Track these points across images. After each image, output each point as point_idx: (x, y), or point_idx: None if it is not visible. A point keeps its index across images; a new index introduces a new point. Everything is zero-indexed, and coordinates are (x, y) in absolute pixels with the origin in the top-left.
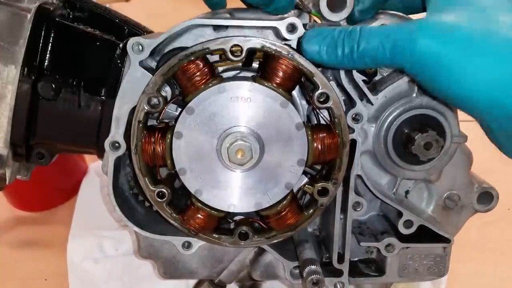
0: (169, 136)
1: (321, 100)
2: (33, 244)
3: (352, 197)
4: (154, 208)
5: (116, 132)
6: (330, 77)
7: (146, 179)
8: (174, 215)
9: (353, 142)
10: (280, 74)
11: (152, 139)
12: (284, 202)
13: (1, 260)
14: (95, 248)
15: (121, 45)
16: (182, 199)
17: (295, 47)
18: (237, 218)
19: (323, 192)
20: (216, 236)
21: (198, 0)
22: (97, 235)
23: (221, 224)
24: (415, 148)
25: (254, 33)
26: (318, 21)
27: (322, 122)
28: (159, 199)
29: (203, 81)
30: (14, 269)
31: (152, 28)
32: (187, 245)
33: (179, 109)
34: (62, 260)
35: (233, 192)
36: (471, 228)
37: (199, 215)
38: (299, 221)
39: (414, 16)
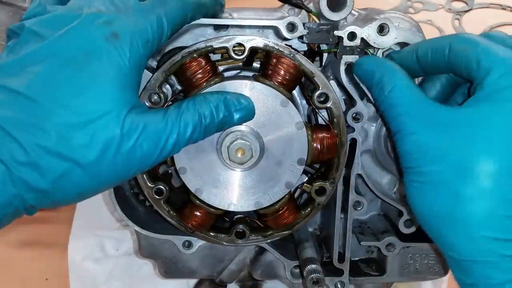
0: None
1: (321, 100)
2: (34, 244)
3: (353, 197)
4: (154, 207)
5: None
6: (331, 76)
7: (144, 176)
8: (172, 212)
9: (354, 141)
10: (282, 73)
11: None
12: (282, 200)
13: (1, 260)
14: (96, 248)
15: None
16: (180, 197)
17: (295, 46)
18: (235, 217)
19: (321, 191)
20: (213, 234)
21: None
22: (98, 235)
23: (218, 222)
24: None
25: (254, 32)
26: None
27: (321, 122)
28: (157, 196)
29: (205, 79)
30: (15, 269)
31: None
32: (188, 245)
33: None
34: (63, 259)
35: (233, 191)
36: None
37: (197, 213)
38: (296, 220)
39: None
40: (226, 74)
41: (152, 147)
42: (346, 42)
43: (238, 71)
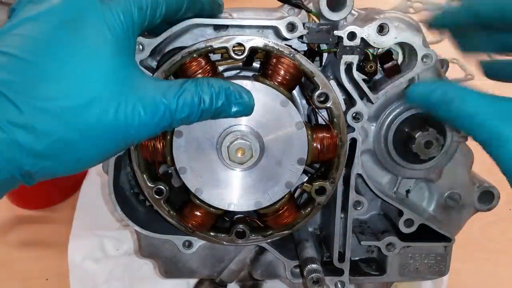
0: (169, 132)
1: (321, 100)
2: (34, 244)
3: (353, 196)
4: (154, 207)
5: None
6: (330, 76)
7: (144, 175)
8: (172, 212)
9: (354, 141)
10: (282, 73)
11: None
12: (282, 200)
13: (1, 260)
14: (96, 248)
15: None
16: (180, 197)
17: (295, 46)
18: (235, 217)
19: (321, 191)
20: (213, 234)
21: None
22: (98, 235)
23: (218, 222)
24: (416, 147)
25: (254, 32)
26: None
27: (321, 122)
28: (157, 196)
29: None
30: (15, 269)
31: None
32: (188, 244)
33: None
34: (63, 260)
35: (233, 191)
36: (473, 227)
37: (197, 213)
38: (296, 219)
39: None
40: (226, 74)
41: (150, 117)
42: (346, 42)
43: (238, 71)
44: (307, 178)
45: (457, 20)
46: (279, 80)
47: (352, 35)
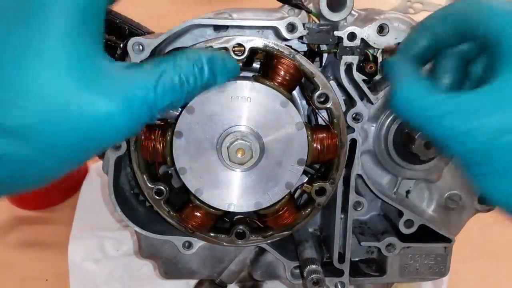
0: (169, 133)
1: (321, 100)
2: (34, 245)
3: (353, 197)
4: (154, 207)
5: None
6: (330, 77)
7: (144, 176)
8: (172, 213)
9: (354, 142)
10: (282, 73)
11: (152, 136)
12: (282, 201)
13: (1, 260)
14: (96, 248)
15: (121, 45)
16: (180, 198)
17: (295, 46)
18: (235, 217)
19: (321, 191)
20: (213, 235)
21: (199, 2)
22: (98, 236)
23: (218, 223)
24: (416, 148)
25: (254, 33)
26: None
27: (321, 122)
28: (157, 197)
29: None
30: (15, 270)
31: (153, 29)
32: (188, 245)
33: (180, 109)
34: (63, 260)
35: (233, 191)
36: (473, 228)
37: (197, 213)
38: (296, 220)
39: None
40: None
41: (124, 116)
42: (346, 43)
43: None
44: (307, 178)
45: (419, 46)
46: (279, 81)
47: (352, 36)
